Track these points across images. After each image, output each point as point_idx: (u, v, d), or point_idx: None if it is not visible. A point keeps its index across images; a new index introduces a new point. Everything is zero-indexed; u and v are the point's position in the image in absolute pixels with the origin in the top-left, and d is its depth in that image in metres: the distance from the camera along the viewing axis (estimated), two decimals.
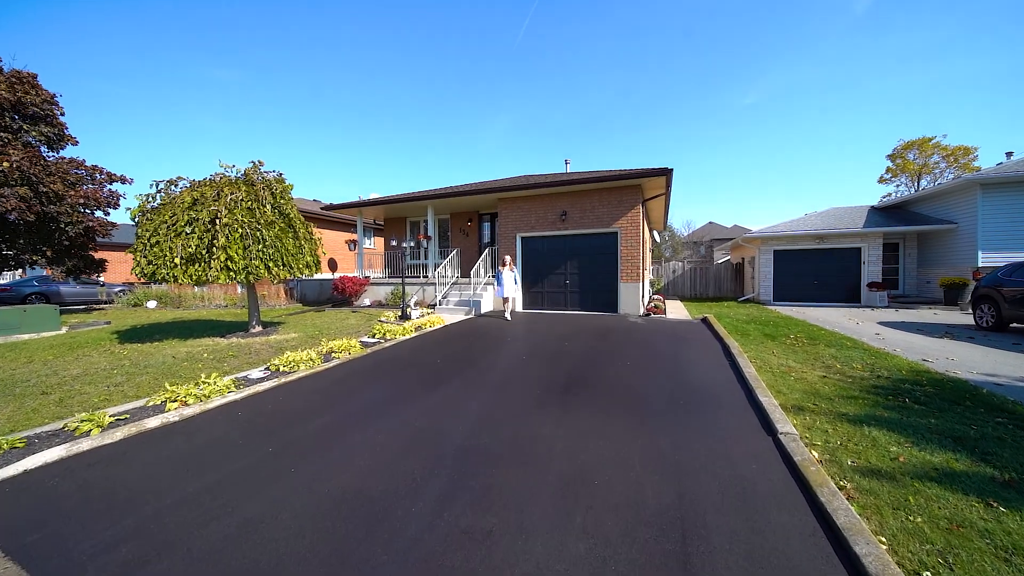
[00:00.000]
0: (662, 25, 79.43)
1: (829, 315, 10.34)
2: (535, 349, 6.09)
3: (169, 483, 2.53)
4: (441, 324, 8.34)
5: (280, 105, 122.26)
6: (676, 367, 5.03)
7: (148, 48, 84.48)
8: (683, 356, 5.59)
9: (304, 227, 7.39)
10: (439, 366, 5.20)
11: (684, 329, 7.75)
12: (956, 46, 47.99)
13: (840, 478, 2.49)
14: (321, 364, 5.35)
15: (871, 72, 57.31)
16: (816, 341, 6.69)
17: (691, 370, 4.89)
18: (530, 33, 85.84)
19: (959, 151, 24.29)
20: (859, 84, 59.58)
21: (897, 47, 53.63)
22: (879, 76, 56.92)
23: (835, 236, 13.03)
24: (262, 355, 6.03)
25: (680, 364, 5.17)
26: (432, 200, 11.67)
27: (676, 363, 5.23)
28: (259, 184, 6.94)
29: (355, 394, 4.21)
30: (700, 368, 4.97)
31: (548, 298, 10.68)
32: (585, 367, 5.03)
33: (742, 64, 76.65)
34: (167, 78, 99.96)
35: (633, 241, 9.35)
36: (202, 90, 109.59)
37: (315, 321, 9.38)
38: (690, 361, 5.31)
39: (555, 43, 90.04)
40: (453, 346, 6.39)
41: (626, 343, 6.47)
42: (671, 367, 5.03)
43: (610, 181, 9.20)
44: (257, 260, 6.48)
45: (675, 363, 5.23)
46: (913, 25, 51.25)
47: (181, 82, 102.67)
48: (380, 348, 6.29)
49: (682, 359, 5.42)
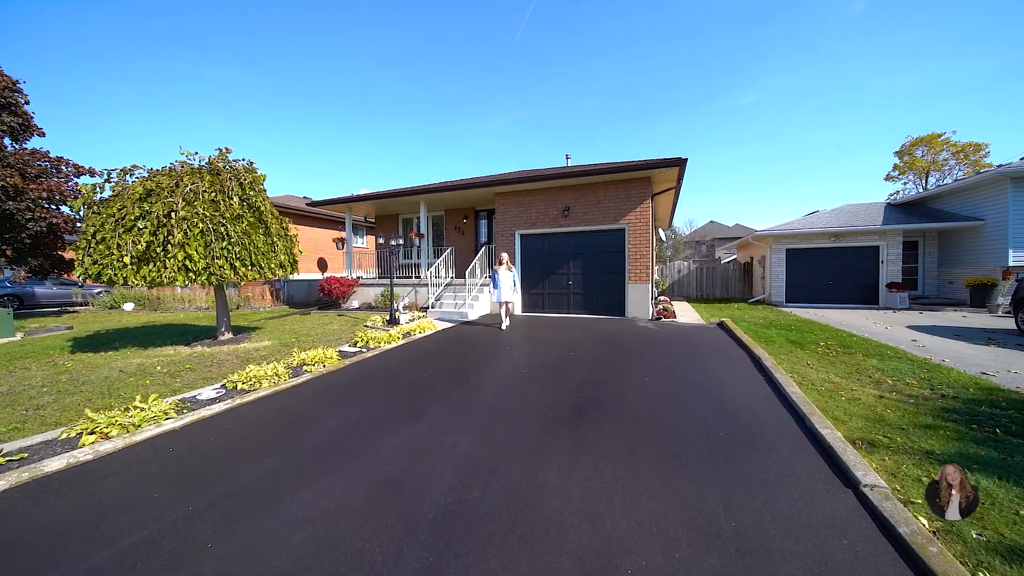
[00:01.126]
0: (662, 26, 78.73)
1: (850, 318, 9.65)
2: (537, 361, 5.35)
3: (26, 569, 1.77)
4: (432, 330, 7.59)
5: (278, 107, 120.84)
6: (705, 385, 4.29)
7: (147, 48, 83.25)
8: (710, 370, 4.85)
9: (278, 222, 6.62)
10: (424, 384, 4.45)
11: (701, 336, 7.01)
12: (956, 46, 47.47)
13: (975, 565, 1.76)
14: (288, 380, 4.59)
15: (870, 72, 56.78)
16: (851, 350, 5.97)
17: (724, 389, 4.15)
18: (528, 32, 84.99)
19: (969, 147, 23.66)
20: (858, 84, 59.04)
21: (894, 46, 53.12)
22: (878, 75, 56.39)
23: (852, 234, 12.34)
24: (225, 367, 5.27)
25: (709, 380, 4.43)
26: (425, 195, 10.91)
27: (704, 379, 4.49)
28: (225, 174, 6.16)
29: (319, 423, 3.45)
30: (734, 386, 4.23)
31: (549, 300, 9.93)
32: (597, 385, 4.28)
33: (741, 65, 76.04)
34: (166, 78, 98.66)
35: (642, 238, 8.61)
36: (200, 89, 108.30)
37: (295, 326, 8.61)
38: (720, 376, 4.57)
39: (554, 44, 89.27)
40: (443, 357, 5.64)
41: (640, 353, 5.73)
42: (699, 385, 4.29)
43: (618, 173, 8.45)
44: (221, 259, 5.71)
45: (703, 379, 4.49)
46: (909, 24, 50.74)
47: (180, 82, 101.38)
48: (360, 359, 5.53)
49: (710, 374, 4.68)
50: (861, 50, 57.97)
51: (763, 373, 4.63)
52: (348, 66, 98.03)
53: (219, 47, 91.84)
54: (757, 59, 73.59)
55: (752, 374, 4.65)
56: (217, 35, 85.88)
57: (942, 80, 51.66)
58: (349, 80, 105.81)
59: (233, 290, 15.20)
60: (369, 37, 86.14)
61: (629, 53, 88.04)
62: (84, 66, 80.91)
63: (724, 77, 79.97)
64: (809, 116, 71.38)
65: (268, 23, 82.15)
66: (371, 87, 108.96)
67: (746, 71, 75.27)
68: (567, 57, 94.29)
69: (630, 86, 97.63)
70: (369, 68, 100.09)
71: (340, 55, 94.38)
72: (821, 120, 70.31)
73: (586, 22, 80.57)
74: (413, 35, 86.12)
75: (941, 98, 52.87)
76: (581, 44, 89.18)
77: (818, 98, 67.52)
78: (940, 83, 52.17)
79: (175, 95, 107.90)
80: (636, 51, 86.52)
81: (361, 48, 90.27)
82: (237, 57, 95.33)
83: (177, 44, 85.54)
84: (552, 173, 8.90)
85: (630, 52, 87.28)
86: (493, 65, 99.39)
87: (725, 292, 16.40)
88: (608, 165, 8.35)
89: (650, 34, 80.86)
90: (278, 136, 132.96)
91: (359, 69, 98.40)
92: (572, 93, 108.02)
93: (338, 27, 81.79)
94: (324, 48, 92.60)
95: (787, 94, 71.82)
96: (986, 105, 47.72)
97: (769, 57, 70.88)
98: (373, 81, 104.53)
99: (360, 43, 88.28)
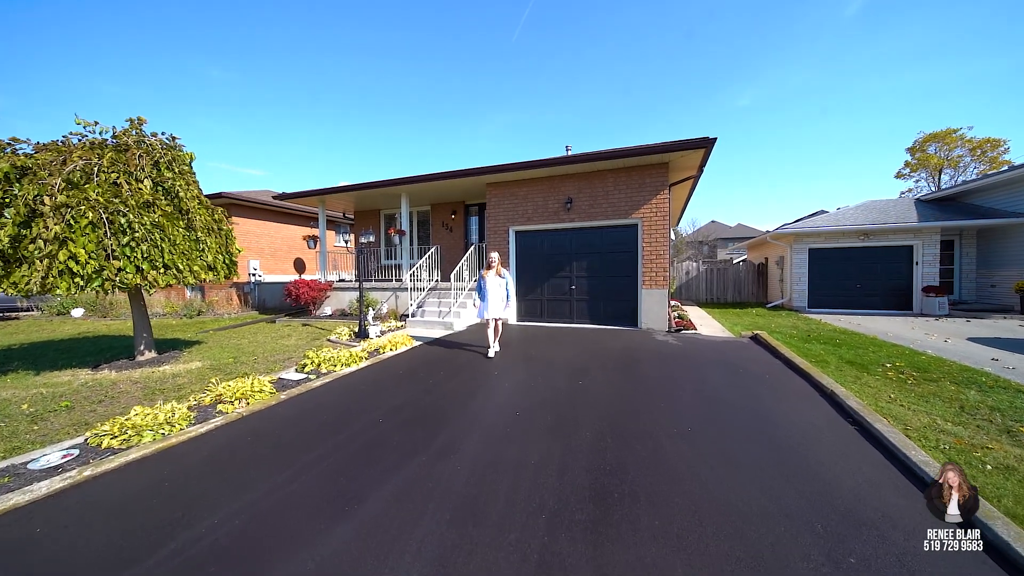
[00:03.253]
0: (661, 27, 77.78)
1: (891, 327, 8.43)
2: (535, 397, 4.02)
3: None
4: (407, 346, 6.24)
5: (275, 105, 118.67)
6: (778, 440, 2.98)
7: (143, 47, 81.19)
8: (773, 412, 3.54)
9: (207, 213, 5.26)
10: (373, 440, 3.11)
11: (738, 354, 5.71)
12: (954, 46, 46.73)
13: None
14: (185, 430, 3.24)
15: (869, 72, 56.01)
16: (930, 373, 4.71)
17: (808, 449, 2.84)
18: (526, 32, 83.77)
19: (986, 143, 22.63)
20: (857, 84, 58.28)
21: (890, 47, 52.37)
22: (878, 75, 55.63)
23: (883, 232, 11.14)
24: (116, 406, 3.92)
25: (782, 434, 3.11)
26: (407, 186, 9.57)
27: (773, 430, 3.18)
28: (136, 150, 4.80)
29: (194, 523, 2.10)
30: (820, 443, 2.92)
31: (549, 307, 8.62)
32: (622, 442, 2.97)
33: (738, 66, 75.20)
34: (163, 78, 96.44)
35: (659, 235, 7.32)
36: (198, 89, 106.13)
37: (246, 339, 7.23)
38: (792, 424, 3.26)
39: (553, 44, 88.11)
40: (411, 390, 4.30)
41: (669, 382, 4.42)
42: (770, 440, 2.98)
43: (630, 158, 7.15)
44: (122, 259, 4.35)
45: (771, 430, 3.18)
46: (905, 24, 50.00)
47: (177, 81, 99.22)
48: (302, 392, 4.19)
49: (776, 419, 3.37)
50: (858, 50, 57.18)
51: (847, 415, 3.34)
52: (346, 68, 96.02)
53: (217, 46, 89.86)
54: (753, 61, 72.78)
55: (833, 419, 3.35)
56: (212, 32, 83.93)
57: (941, 81, 50.97)
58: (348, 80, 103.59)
59: (196, 294, 13.78)
60: (369, 37, 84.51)
61: (628, 53, 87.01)
62: (79, 65, 78.74)
63: (720, 79, 79.16)
64: (808, 116, 70.62)
65: (266, 24, 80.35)
66: (371, 88, 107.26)
67: (743, 72, 74.45)
68: (567, 56, 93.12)
69: (629, 87, 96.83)
70: (369, 69, 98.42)
71: (340, 55, 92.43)
72: (821, 120, 69.56)
73: (585, 22, 79.46)
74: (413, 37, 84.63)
75: (939, 99, 52.20)
76: (580, 44, 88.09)
77: (817, 98, 66.73)
78: (939, 84, 51.48)
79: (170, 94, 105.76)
80: (635, 51, 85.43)
81: (360, 48, 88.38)
82: (235, 57, 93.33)
83: (176, 43, 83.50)
84: (552, 160, 7.59)
85: (629, 52, 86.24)
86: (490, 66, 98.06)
87: (737, 296, 15.17)
88: (619, 150, 7.06)
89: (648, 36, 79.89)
90: (275, 136, 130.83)
91: (357, 71, 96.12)
92: (571, 93, 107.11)
93: (336, 27, 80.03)
94: (323, 49, 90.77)
95: (784, 95, 71.01)
96: (994, 103, 47.01)
97: (767, 58, 70.07)
98: (374, 81, 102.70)
99: (359, 44, 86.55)
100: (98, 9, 68.19)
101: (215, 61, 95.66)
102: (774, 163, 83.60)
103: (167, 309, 12.25)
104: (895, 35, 52.28)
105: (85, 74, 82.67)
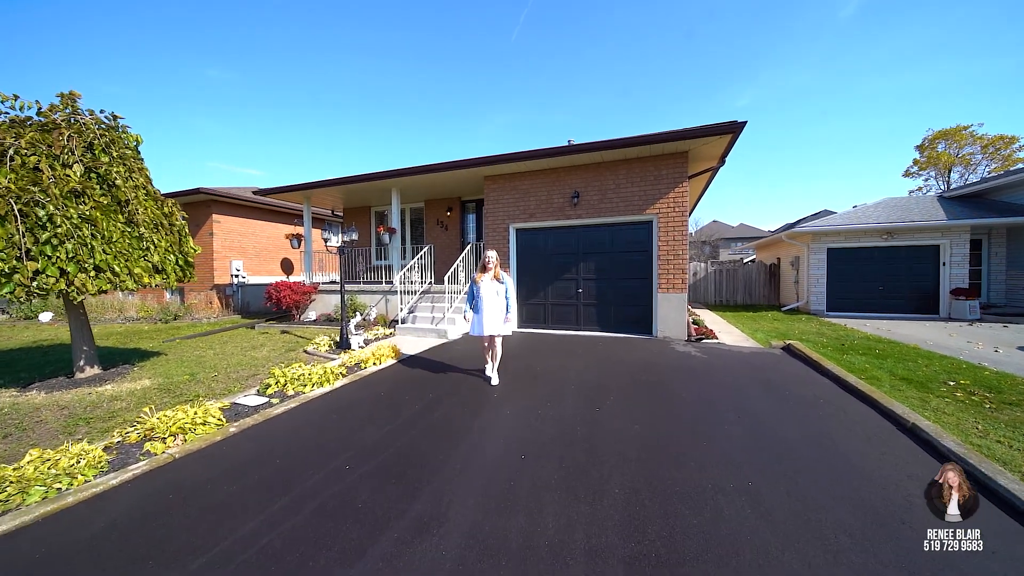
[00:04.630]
0: (661, 27, 77.16)
1: (925, 333, 7.73)
2: (544, 432, 3.26)
3: None
4: (392, 359, 5.47)
5: (275, 106, 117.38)
6: (872, 502, 2.23)
7: (140, 47, 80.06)
8: (848, 454, 2.78)
9: (155, 205, 4.48)
10: (335, 502, 2.34)
11: (775, 370, 4.96)
12: (952, 47, 46.28)
13: None
14: (89, 484, 2.47)
15: (868, 71, 55.51)
16: (1004, 394, 4.00)
17: (918, 516, 2.09)
18: (525, 32, 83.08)
19: (999, 140, 22.00)
20: (857, 84, 57.77)
21: (888, 48, 51.88)
22: (877, 75, 55.14)
23: (908, 231, 10.43)
24: (23, 442, 3.16)
25: (871, 489, 2.36)
26: (398, 179, 8.79)
27: (857, 482, 2.43)
28: (65, 130, 4.01)
29: None
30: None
31: (553, 313, 7.87)
32: (664, 504, 2.21)
33: (738, 66, 74.70)
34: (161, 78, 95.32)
35: (677, 234, 6.58)
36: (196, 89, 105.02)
37: (210, 351, 6.42)
38: (885, 477, 2.51)
39: (552, 45, 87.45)
40: (391, 420, 3.53)
41: (707, 410, 3.67)
42: (861, 500, 2.23)
43: (646, 146, 6.38)
44: (42, 259, 3.57)
45: (855, 481, 2.43)
46: (901, 25, 49.52)
47: (175, 81, 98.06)
48: (256, 424, 3.42)
49: (857, 466, 2.61)
50: (857, 51, 56.68)
51: (944, 461, 2.59)
52: (346, 68, 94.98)
53: (216, 46, 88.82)
54: (754, 60, 72.33)
55: (934, 468, 2.60)
56: (211, 33, 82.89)
57: (941, 81, 50.48)
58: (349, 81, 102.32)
59: (176, 297, 12.97)
60: (370, 38, 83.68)
61: (628, 53, 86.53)
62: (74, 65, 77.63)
63: (720, 80, 78.81)
64: (809, 116, 70.21)
65: (265, 24, 79.37)
66: (371, 88, 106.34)
67: (741, 73, 74.01)
68: (566, 56, 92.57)
69: (628, 88, 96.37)
70: (370, 69, 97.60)
71: (340, 56, 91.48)
72: (821, 120, 69.13)
73: (585, 23, 78.82)
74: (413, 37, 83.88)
75: (938, 99, 51.73)
76: (579, 45, 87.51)
77: (817, 99, 66.25)
78: (940, 83, 51.01)
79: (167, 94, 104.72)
80: (635, 52, 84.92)
81: (360, 49, 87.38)
82: (234, 57, 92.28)
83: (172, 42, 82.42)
84: (558, 149, 6.84)
85: (629, 52, 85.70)
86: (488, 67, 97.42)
87: (748, 298, 14.46)
88: (633, 137, 6.30)
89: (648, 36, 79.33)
90: (277, 137, 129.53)
91: (358, 71, 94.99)
92: (570, 93, 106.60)
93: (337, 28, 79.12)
94: (323, 50, 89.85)
95: (782, 96, 70.60)
96: (995, 102, 46.57)
97: (766, 58, 69.61)
98: (374, 81, 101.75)
99: (360, 45, 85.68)
100: (97, 9, 67.16)
101: (213, 61, 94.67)
102: (774, 163, 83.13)
103: (141, 313, 11.44)
104: (894, 35, 51.79)
105: (84, 74, 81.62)
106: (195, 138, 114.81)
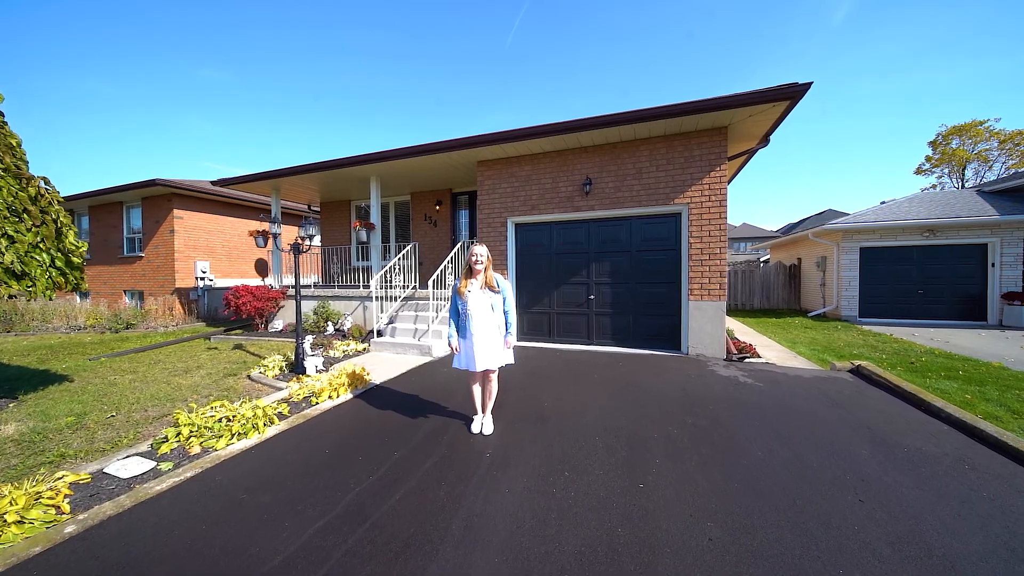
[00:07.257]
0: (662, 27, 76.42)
1: (990, 346, 6.63)
2: (565, 531, 2.05)
3: None
4: (358, 388, 4.22)
5: (270, 108, 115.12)
6: None
7: (139, 47, 77.89)
8: None
9: (18, 185, 3.20)
10: None
11: (860, 406, 3.77)
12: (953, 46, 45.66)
13: None
14: None
15: (868, 72, 54.90)
16: None
17: None
18: (521, 33, 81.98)
19: (1017, 135, 21.07)
20: (858, 84, 57.18)
21: (884, 48, 51.26)
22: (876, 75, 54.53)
23: (952, 227, 9.34)
24: None
25: None
26: (378, 165, 7.54)
27: None
28: None
29: None
30: None
31: (559, 324, 6.65)
32: None
33: (738, 65, 74.06)
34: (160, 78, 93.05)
35: (713, 228, 5.38)
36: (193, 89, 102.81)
37: (130, 376, 5.12)
38: None
39: (551, 45, 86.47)
40: (326, 507, 2.30)
41: (800, 482, 2.45)
42: None
43: (677, 118, 5.10)
44: None
45: None
46: (898, 27, 48.91)
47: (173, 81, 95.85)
48: (117, 513, 2.16)
49: None
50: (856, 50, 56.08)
51: None
52: (346, 69, 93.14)
53: (213, 47, 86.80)
54: (751, 62, 71.77)
55: None
56: (210, 34, 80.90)
57: (942, 81, 49.89)
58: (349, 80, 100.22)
59: (135, 302, 11.64)
60: (371, 38, 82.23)
61: (629, 53, 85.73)
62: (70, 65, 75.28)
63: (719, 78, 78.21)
64: (808, 116, 69.70)
65: (264, 24, 77.54)
66: (372, 88, 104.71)
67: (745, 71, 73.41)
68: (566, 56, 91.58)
69: (627, 88, 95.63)
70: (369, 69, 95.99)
71: (341, 56, 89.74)
72: (820, 119, 68.59)
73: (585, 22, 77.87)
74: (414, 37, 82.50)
75: (940, 98, 51.14)
76: (578, 45, 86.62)
77: (817, 99, 65.70)
78: (938, 84, 50.41)
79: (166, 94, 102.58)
80: (636, 52, 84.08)
81: (361, 49, 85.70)
82: (232, 58, 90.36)
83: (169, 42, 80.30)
84: (565, 124, 5.62)
85: (630, 52, 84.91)
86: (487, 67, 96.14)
87: (766, 301, 13.34)
88: (660, 108, 5.05)
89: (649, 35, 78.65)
90: (273, 138, 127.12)
91: (358, 71, 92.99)
92: (570, 93, 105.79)
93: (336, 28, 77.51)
94: (324, 50, 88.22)
95: None
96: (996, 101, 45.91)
97: (764, 59, 69.10)
98: (375, 81, 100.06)
99: (361, 45, 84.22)
100: (96, 9, 65.18)
101: (209, 62, 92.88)
102: (774, 162, 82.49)
103: (90, 321, 10.07)
104: (893, 35, 51.16)
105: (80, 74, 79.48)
106: (194, 138, 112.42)
